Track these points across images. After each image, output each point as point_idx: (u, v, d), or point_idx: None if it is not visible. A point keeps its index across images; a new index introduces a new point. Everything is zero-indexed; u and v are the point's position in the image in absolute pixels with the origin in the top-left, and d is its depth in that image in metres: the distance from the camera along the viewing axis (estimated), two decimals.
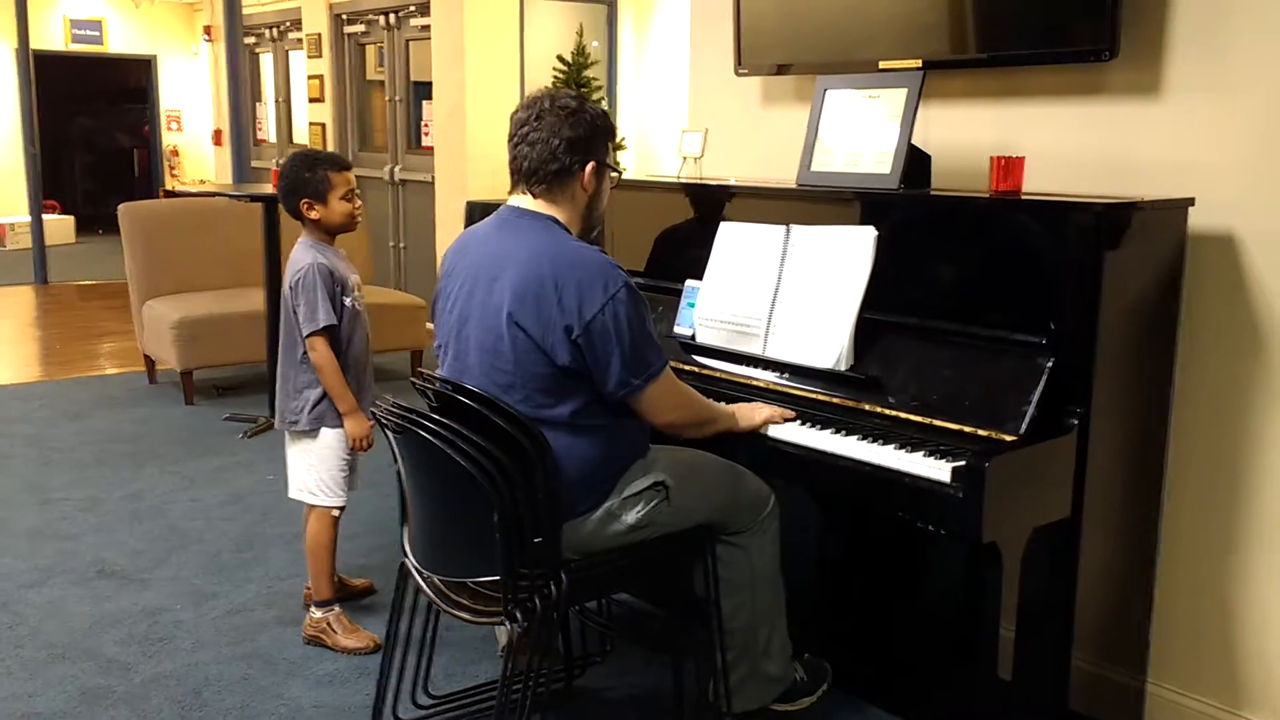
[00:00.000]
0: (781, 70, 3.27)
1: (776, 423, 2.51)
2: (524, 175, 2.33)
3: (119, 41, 13.35)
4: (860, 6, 2.98)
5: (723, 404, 2.53)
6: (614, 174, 2.44)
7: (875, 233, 2.54)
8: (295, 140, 10.71)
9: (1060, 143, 2.69)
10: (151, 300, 5.84)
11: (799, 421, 2.49)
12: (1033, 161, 2.57)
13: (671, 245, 3.18)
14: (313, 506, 3.09)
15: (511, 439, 2.14)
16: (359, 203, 3.12)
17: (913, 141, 2.69)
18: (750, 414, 2.51)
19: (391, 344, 6.03)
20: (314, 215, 3.06)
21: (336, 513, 3.11)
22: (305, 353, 3.01)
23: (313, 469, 3.07)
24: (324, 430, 3.04)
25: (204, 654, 3.02)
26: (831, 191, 2.79)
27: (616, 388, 2.23)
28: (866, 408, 2.47)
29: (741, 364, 2.75)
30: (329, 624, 3.07)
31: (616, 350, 2.20)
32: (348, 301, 3.05)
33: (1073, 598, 2.33)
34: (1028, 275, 2.36)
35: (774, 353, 2.68)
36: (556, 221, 2.33)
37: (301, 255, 3.04)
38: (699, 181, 3.15)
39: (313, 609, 3.11)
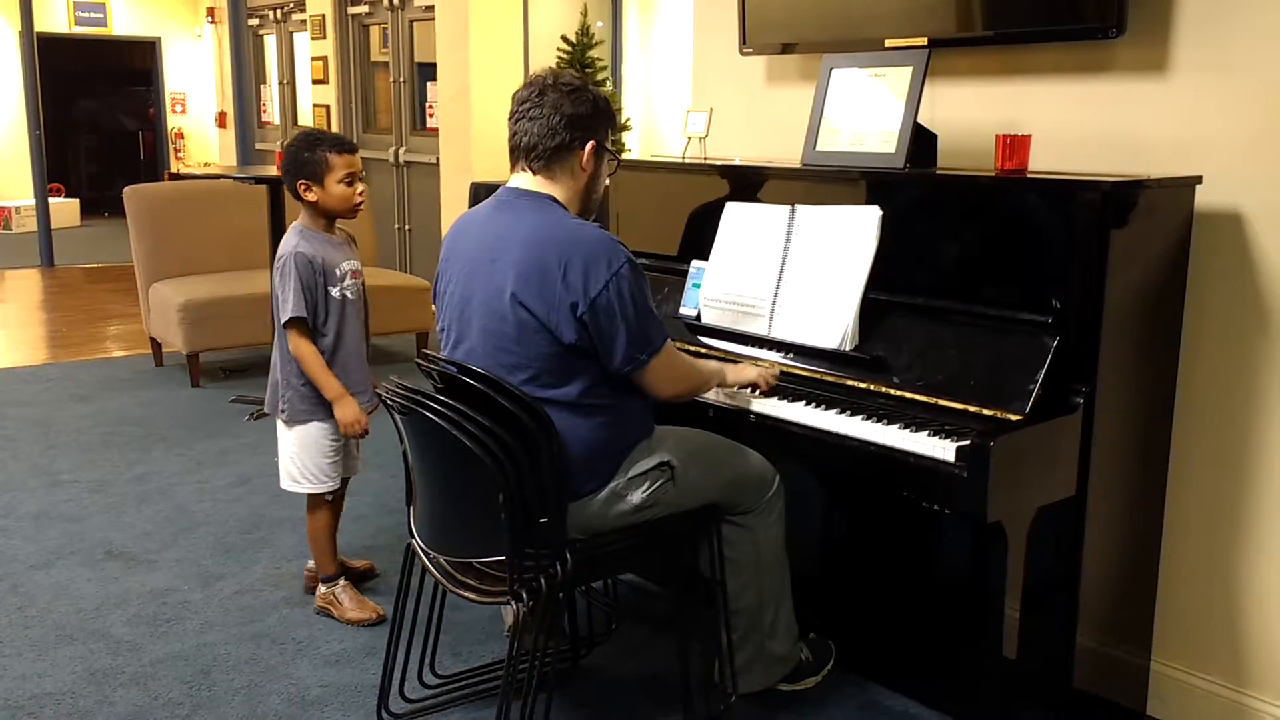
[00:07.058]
0: (786, 49, 3.26)
1: (767, 380, 2.52)
2: (523, 151, 2.32)
3: (123, 24, 13.33)
4: None
5: (712, 363, 2.55)
6: (613, 160, 2.43)
7: (880, 212, 2.53)
8: (300, 122, 10.69)
9: (1066, 121, 2.67)
10: (157, 283, 5.85)
11: (804, 401, 2.49)
12: (1039, 140, 2.56)
13: (676, 226, 3.17)
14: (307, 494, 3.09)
15: (517, 420, 2.14)
16: (361, 188, 3.00)
17: (918, 120, 2.67)
18: (739, 372, 2.53)
19: (396, 326, 6.04)
20: (311, 197, 2.97)
21: (330, 496, 3.10)
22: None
23: (295, 458, 3.05)
24: (307, 421, 3.03)
25: (212, 634, 3.03)
26: (837, 171, 2.78)
27: (622, 364, 2.23)
28: (871, 388, 2.47)
29: (747, 344, 2.75)
30: (335, 595, 3.11)
31: (622, 326, 2.20)
32: (334, 292, 2.95)
33: (1078, 577, 2.34)
34: (1033, 254, 2.35)
35: (779, 333, 2.68)
36: (554, 200, 2.31)
37: (286, 241, 2.97)
38: (704, 162, 3.14)
39: (320, 586, 3.14)
